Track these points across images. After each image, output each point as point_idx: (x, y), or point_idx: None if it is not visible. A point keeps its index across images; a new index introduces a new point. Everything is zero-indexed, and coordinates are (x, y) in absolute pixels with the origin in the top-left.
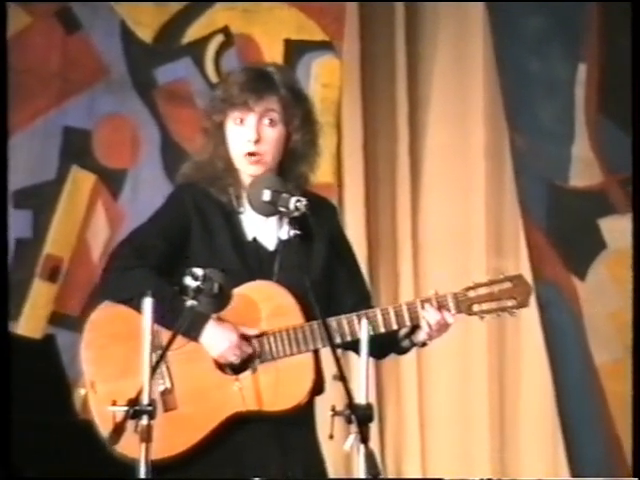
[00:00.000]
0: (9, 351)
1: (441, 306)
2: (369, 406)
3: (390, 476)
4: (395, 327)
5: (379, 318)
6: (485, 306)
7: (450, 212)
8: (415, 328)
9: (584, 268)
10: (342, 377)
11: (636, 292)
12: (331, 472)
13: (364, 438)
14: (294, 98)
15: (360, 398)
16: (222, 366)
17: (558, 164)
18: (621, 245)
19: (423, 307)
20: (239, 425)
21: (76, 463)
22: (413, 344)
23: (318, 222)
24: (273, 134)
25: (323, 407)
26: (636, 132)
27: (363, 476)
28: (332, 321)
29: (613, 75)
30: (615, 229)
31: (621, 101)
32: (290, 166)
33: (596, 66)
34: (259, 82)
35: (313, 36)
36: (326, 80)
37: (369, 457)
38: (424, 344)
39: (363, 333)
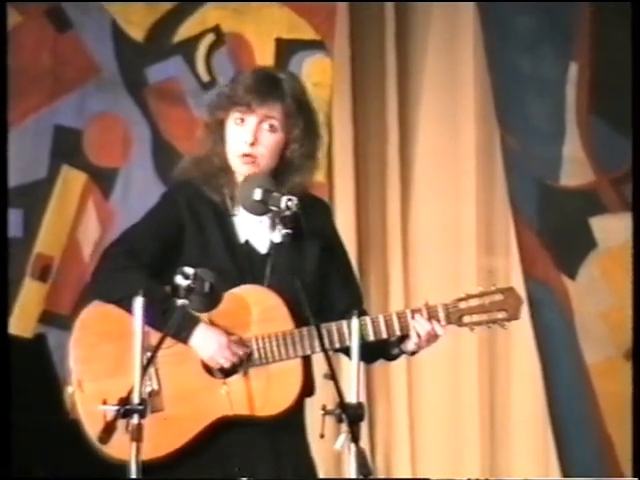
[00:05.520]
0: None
1: (431, 316)
2: (360, 405)
3: (380, 476)
4: (385, 336)
5: (369, 327)
6: (476, 318)
7: (441, 211)
8: (405, 337)
9: (575, 267)
10: (333, 376)
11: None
12: (322, 471)
13: (355, 437)
14: (299, 108)
15: (351, 397)
16: (211, 369)
17: (549, 163)
18: (612, 244)
19: (413, 317)
20: (229, 428)
21: (66, 463)
22: (402, 352)
23: (311, 221)
24: (271, 139)
25: (314, 407)
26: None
27: (354, 475)
28: (322, 328)
29: (604, 74)
30: (606, 228)
31: (612, 100)
32: (284, 174)
33: (587, 65)
34: (266, 86)
35: (304, 35)
36: (317, 79)
37: (360, 456)
38: (413, 353)
39: (354, 333)
